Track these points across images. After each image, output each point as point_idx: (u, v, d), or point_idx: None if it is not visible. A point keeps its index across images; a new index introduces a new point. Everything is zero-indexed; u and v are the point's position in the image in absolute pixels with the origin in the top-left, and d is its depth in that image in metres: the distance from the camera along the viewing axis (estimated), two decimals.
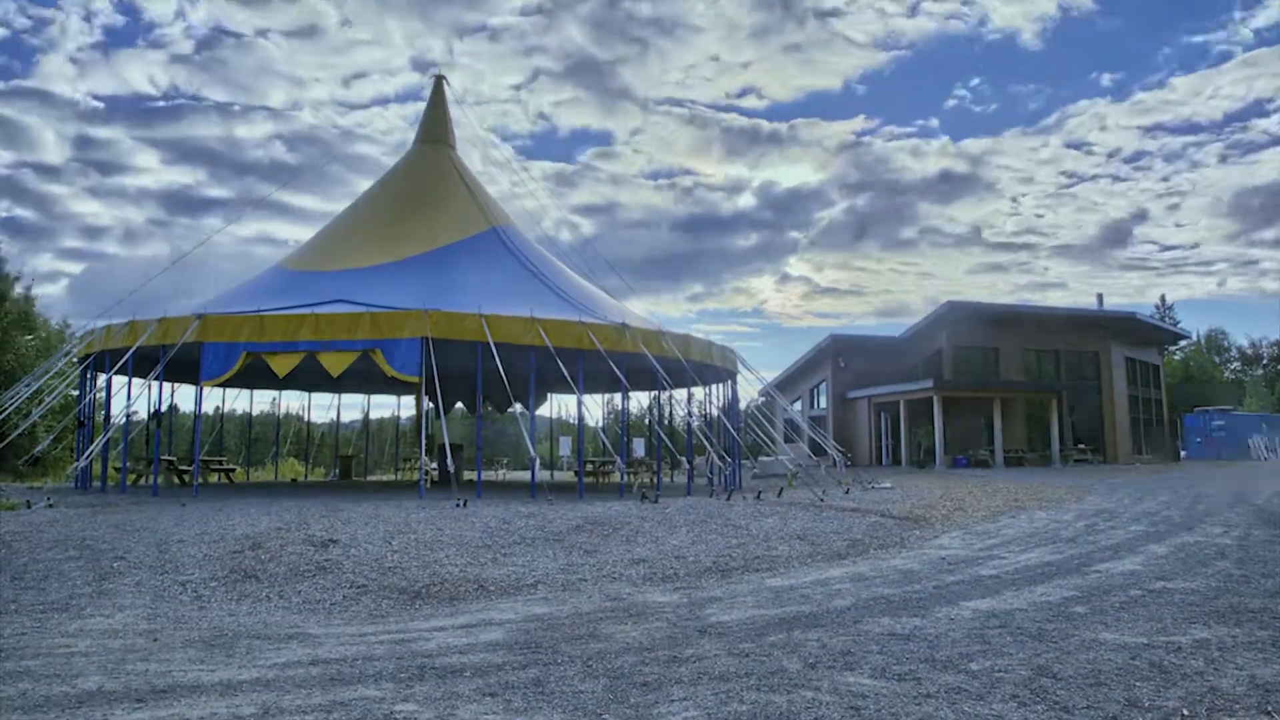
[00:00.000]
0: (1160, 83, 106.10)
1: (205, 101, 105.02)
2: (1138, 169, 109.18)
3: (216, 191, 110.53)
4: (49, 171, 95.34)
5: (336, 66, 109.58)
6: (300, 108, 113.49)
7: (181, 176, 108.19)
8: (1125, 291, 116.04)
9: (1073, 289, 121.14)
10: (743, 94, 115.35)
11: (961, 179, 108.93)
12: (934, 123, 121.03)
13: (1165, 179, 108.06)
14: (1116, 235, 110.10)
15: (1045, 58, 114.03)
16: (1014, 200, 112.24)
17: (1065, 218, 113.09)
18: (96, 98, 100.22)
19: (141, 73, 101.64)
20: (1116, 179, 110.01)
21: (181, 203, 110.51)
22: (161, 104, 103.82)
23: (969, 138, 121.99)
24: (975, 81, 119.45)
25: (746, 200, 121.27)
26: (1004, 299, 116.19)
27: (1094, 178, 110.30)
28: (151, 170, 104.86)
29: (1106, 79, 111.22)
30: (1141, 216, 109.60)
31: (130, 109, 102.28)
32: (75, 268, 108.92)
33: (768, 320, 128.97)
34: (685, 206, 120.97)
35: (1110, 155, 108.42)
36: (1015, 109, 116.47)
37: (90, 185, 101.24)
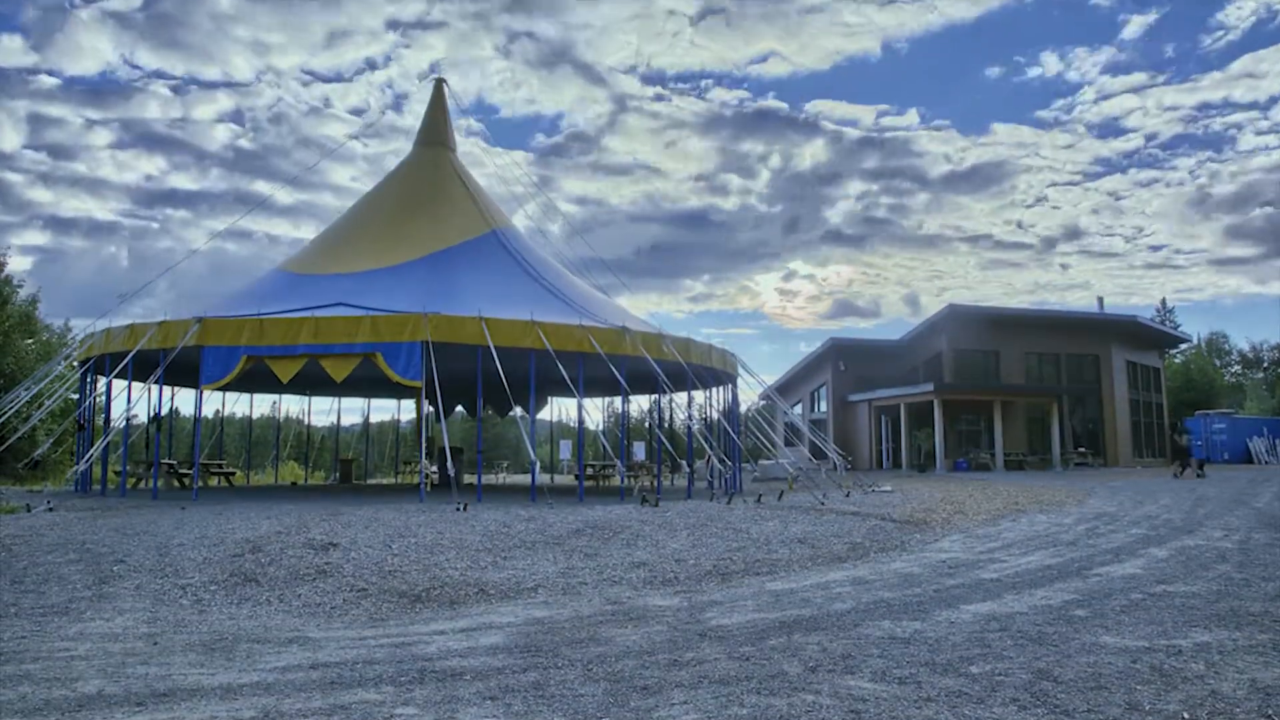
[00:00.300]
0: (1219, 62, 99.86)
1: (165, 79, 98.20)
2: (1176, 154, 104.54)
3: (179, 182, 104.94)
4: (3, 158, 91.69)
5: (302, 29, 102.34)
6: (264, 77, 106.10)
7: (140, 164, 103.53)
8: (1152, 291, 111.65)
9: (1093, 289, 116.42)
10: (765, 59, 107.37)
11: (988, 168, 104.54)
12: (977, 98, 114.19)
13: (1195, 170, 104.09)
14: (1140, 231, 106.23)
15: (1112, 15, 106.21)
16: (1040, 195, 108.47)
17: (1084, 211, 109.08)
18: (51, 73, 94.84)
19: (89, 41, 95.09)
20: (1150, 165, 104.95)
21: (143, 196, 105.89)
22: (112, 83, 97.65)
23: (1004, 120, 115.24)
24: (1030, 48, 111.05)
25: (752, 194, 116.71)
26: (1024, 297, 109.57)
27: (1126, 169, 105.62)
28: (107, 160, 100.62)
29: (1170, 48, 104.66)
30: (1167, 212, 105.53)
31: (83, 87, 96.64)
32: (26, 263, 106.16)
33: (770, 322, 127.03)
34: (686, 198, 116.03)
35: (1149, 139, 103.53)
36: (1065, 80, 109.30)
37: (45, 172, 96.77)
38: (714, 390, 21.07)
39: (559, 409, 35.80)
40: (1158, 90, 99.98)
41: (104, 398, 17.75)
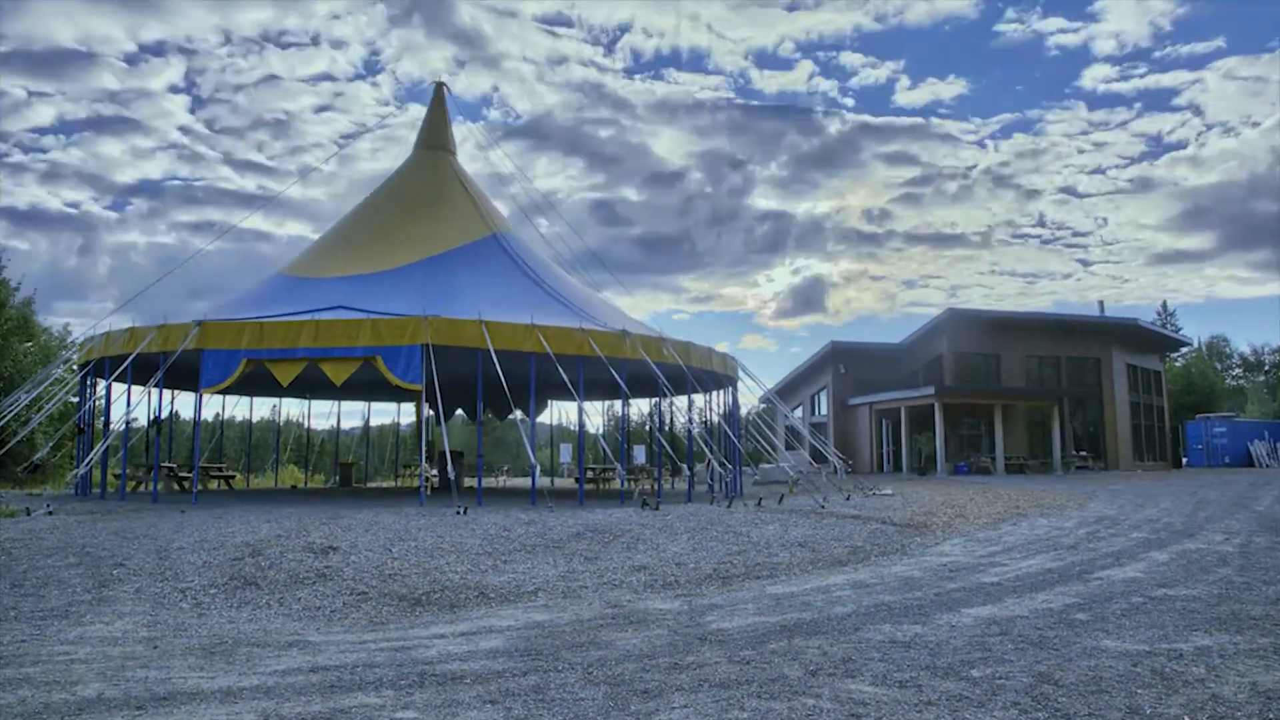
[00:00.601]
0: None
1: (116, 45, 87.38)
2: (1228, 134, 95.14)
3: (131, 163, 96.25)
4: None
5: None
6: (219, 33, 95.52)
7: (89, 145, 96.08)
8: (1193, 292, 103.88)
9: (1124, 287, 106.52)
10: (793, 8, 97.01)
11: (1019, 157, 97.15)
12: (1013, 66, 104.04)
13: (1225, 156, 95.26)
14: (1163, 225, 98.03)
15: None
16: (1067, 184, 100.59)
17: (1113, 203, 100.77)
18: None
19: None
20: (1195, 141, 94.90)
21: (91, 182, 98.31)
22: (56, 50, 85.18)
23: (1045, 89, 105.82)
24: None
25: (756, 188, 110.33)
26: (1045, 298, 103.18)
27: (1171, 147, 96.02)
28: (54, 142, 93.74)
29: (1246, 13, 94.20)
30: (1190, 206, 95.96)
31: (22, 53, 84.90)
32: None
33: (773, 324, 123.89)
34: (684, 185, 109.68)
35: (1196, 112, 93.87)
36: (1127, 41, 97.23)
37: None
38: (714, 394, 21.08)
39: (559, 412, 35.83)
40: (1224, 62, 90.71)
41: (103, 401, 17.76)
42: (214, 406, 24.68)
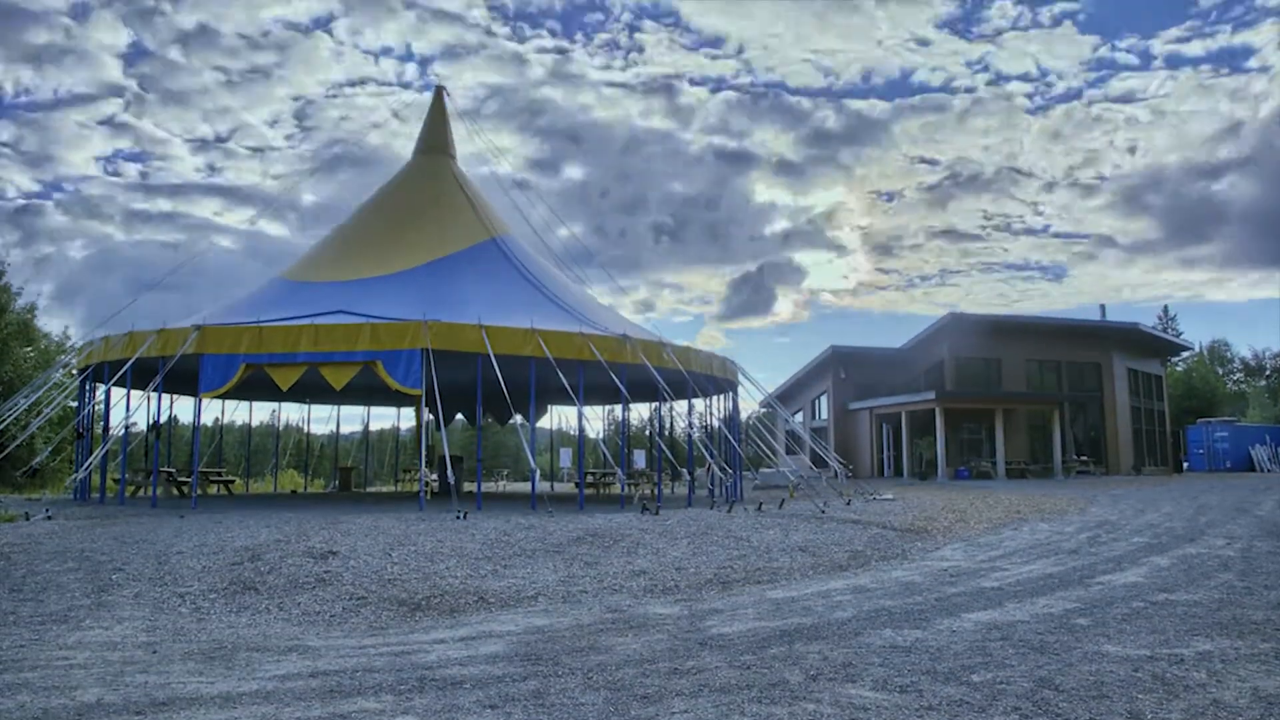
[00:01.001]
0: None
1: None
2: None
3: (71, 156, 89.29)
4: None
5: None
6: None
7: (32, 128, 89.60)
8: (1213, 294, 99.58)
9: (1151, 288, 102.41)
10: None
11: (1064, 136, 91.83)
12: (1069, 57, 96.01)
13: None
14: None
15: None
16: (1098, 175, 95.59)
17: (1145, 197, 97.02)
18: None
19: None
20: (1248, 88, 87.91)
21: (32, 164, 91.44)
22: None
23: (1106, 38, 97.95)
24: None
25: (761, 185, 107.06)
26: (1072, 299, 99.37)
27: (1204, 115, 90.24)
28: None
29: None
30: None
31: None
32: None
33: (778, 323, 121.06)
34: (691, 191, 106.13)
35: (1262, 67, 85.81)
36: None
37: None
38: (714, 398, 21.07)
39: (559, 417, 35.80)
40: None
41: (103, 406, 17.75)
42: (213, 411, 24.70)
